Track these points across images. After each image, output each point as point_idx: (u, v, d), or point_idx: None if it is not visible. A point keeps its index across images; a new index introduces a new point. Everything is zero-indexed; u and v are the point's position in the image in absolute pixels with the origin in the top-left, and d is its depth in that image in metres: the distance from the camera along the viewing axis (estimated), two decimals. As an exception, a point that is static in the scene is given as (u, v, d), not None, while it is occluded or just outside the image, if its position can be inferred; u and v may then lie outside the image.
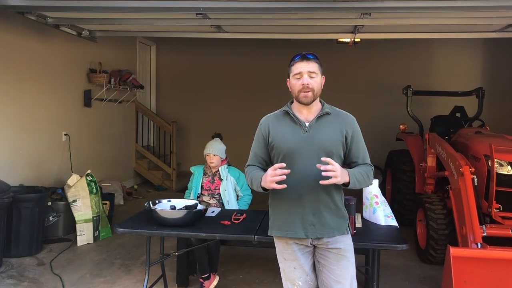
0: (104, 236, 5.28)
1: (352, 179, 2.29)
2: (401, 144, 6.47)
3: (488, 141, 4.39)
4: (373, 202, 3.44)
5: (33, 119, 5.51)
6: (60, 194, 5.22)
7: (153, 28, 5.84)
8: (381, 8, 4.08)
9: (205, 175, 4.07)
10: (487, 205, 4.12)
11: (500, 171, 4.13)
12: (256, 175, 2.41)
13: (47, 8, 4.62)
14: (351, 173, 2.31)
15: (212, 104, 9.30)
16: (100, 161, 7.07)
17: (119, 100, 7.49)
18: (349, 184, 2.29)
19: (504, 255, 3.23)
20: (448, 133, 5.69)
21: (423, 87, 7.16)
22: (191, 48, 9.07)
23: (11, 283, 3.95)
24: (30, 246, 4.63)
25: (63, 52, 6.04)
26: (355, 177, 2.32)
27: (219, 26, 5.24)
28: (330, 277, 2.41)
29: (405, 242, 2.95)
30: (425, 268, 4.49)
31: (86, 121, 6.68)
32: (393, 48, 8.34)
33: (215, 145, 4.04)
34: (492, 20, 4.75)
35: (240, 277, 4.20)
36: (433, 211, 4.44)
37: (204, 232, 3.17)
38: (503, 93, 8.40)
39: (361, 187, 2.42)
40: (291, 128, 2.41)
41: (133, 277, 4.16)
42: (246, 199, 4.05)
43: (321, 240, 2.40)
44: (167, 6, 4.19)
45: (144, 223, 3.30)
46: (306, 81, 2.34)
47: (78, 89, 6.49)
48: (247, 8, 4.13)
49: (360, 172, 2.37)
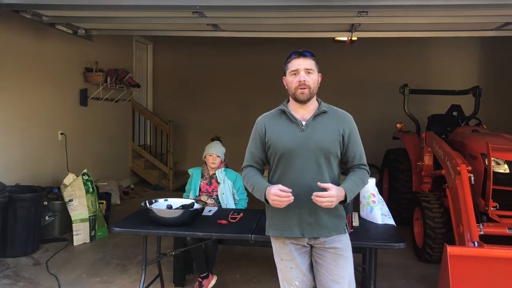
0: (101, 235, 5.26)
1: (349, 196, 2.30)
2: (398, 142, 6.48)
3: (485, 139, 4.39)
4: (370, 201, 3.43)
5: (29, 118, 5.48)
6: (56, 193, 5.20)
7: (150, 26, 5.81)
8: (378, 7, 4.06)
9: (203, 178, 4.06)
10: (484, 204, 4.13)
11: (497, 170, 4.14)
12: (259, 184, 2.38)
13: (42, 6, 4.59)
14: (347, 188, 2.31)
15: (208, 103, 9.28)
16: (97, 160, 7.04)
17: (116, 99, 7.46)
18: (346, 201, 2.30)
19: (501, 254, 3.23)
20: (445, 132, 5.69)
21: (420, 85, 7.17)
22: (187, 46, 9.04)
23: (7, 283, 3.93)
24: (26, 246, 4.61)
25: (59, 51, 6.01)
26: (352, 192, 2.33)
27: (216, 25, 5.22)
28: (328, 277, 2.39)
29: (402, 240, 2.95)
30: (422, 266, 4.50)
31: (82, 120, 6.65)
32: (390, 47, 8.34)
33: (217, 146, 4.04)
34: (489, 19, 4.75)
35: (237, 276, 4.19)
36: (430, 210, 4.44)
37: (201, 232, 3.16)
38: (500, 92, 8.41)
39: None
40: (287, 127, 2.40)
41: (129, 276, 4.15)
42: (242, 203, 4.04)
43: (318, 240, 2.39)
44: (163, 4, 4.17)
45: (140, 222, 3.29)
46: (303, 78, 2.32)
47: (74, 88, 6.46)
48: (244, 6, 4.11)
49: (355, 181, 2.37)
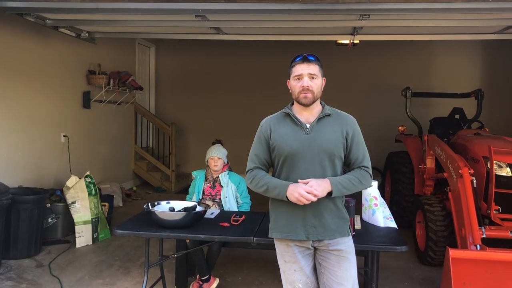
0: (103, 237, 5.27)
1: (335, 187, 2.29)
2: (400, 145, 6.47)
3: (487, 142, 4.39)
4: (372, 204, 3.43)
5: (32, 120, 5.50)
6: (59, 195, 5.21)
7: (152, 29, 5.84)
8: (380, 10, 4.08)
9: (206, 181, 4.07)
10: (486, 207, 4.12)
11: (499, 173, 4.14)
12: (275, 182, 2.37)
13: (46, 10, 4.62)
14: (334, 180, 2.31)
15: (211, 105, 9.29)
16: (99, 162, 7.06)
17: (118, 102, 7.48)
18: (332, 193, 2.30)
19: (503, 257, 3.23)
20: (447, 135, 5.69)
21: (422, 88, 7.17)
22: (190, 49, 9.07)
23: (9, 285, 3.94)
24: (29, 248, 4.62)
25: (62, 53, 6.03)
26: (340, 185, 2.32)
27: (218, 28, 5.24)
28: (332, 279, 2.40)
29: (404, 243, 2.95)
30: (424, 269, 4.49)
31: (85, 122, 6.67)
32: (392, 50, 8.35)
33: (219, 149, 4.04)
34: (491, 22, 4.76)
35: (239, 279, 4.19)
36: (432, 213, 4.44)
37: (203, 234, 3.17)
38: (502, 95, 8.40)
39: (352, 192, 2.41)
40: (292, 129, 2.41)
41: (132, 278, 4.16)
42: (246, 207, 4.04)
43: (322, 242, 2.40)
44: (166, 8, 4.19)
45: (143, 224, 3.30)
46: (306, 84, 2.34)
47: (77, 91, 6.48)
48: (246, 9, 4.13)
49: (349, 178, 2.37)
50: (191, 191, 4.13)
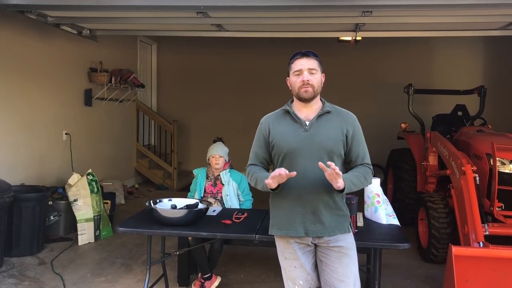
0: (105, 235, 5.27)
1: (347, 183, 2.28)
2: (402, 142, 6.46)
3: (490, 139, 4.38)
4: (374, 201, 3.43)
5: (34, 118, 5.51)
6: (61, 193, 5.22)
7: (154, 27, 5.82)
8: (383, 6, 4.06)
9: (207, 179, 4.06)
10: (489, 204, 4.11)
11: (502, 170, 4.12)
12: (261, 176, 2.39)
13: (47, 7, 4.61)
14: (346, 177, 2.29)
15: (213, 103, 9.28)
16: (101, 160, 7.06)
17: (120, 99, 7.48)
18: (344, 190, 2.28)
19: (506, 254, 3.22)
20: (449, 132, 5.67)
21: (425, 85, 7.15)
22: (192, 47, 9.05)
23: (12, 283, 3.95)
24: (31, 246, 4.63)
25: (64, 51, 6.03)
26: (351, 182, 2.31)
27: (220, 25, 5.22)
28: (333, 276, 2.39)
29: (407, 241, 2.94)
30: (427, 267, 4.48)
31: (86, 120, 6.68)
32: (394, 46, 8.32)
33: (220, 147, 4.04)
34: (494, 18, 4.73)
35: (241, 276, 4.19)
36: (435, 210, 4.43)
37: (205, 231, 3.16)
38: (505, 91, 8.37)
39: (357, 189, 2.40)
40: (291, 127, 2.40)
41: (134, 276, 4.16)
42: (247, 204, 4.03)
43: (322, 239, 2.40)
44: (168, 5, 4.18)
45: (145, 222, 3.30)
46: (307, 78, 2.34)
47: (78, 88, 6.48)
48: (248, 6, 4.11)
49: (355, 175, 2.37)
50: (192, 188, 4.13)
